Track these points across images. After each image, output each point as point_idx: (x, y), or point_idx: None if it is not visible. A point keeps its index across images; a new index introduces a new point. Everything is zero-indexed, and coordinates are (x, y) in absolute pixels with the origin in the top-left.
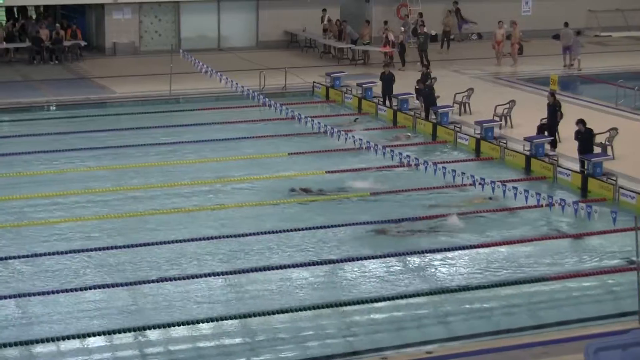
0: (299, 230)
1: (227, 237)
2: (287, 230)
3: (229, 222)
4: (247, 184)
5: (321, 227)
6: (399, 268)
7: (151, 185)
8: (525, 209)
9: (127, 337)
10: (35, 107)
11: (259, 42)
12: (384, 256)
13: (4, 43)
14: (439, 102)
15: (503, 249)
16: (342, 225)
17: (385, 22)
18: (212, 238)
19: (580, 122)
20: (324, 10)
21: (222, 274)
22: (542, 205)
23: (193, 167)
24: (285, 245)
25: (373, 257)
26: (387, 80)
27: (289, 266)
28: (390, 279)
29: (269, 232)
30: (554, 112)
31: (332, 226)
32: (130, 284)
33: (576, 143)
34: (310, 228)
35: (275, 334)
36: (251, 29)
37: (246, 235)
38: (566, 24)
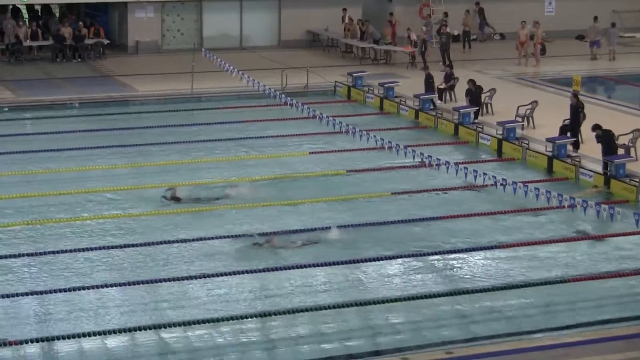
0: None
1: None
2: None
3: (248, 219)
4: (269, 182)
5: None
6: (419, 268)
7: (172, 183)
8: (547, 209)
9: (147, 335)
10: (57, 105)
11: (281, 41)
12: (404, 256)
13: (28, 41)
14: (460, 103)
15: (524, 250)
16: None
17: (390, 21)
18: (225, 237)
19: (597, 127)
20: (344, 9)
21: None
22: (564, 207)
23: (215, 165)
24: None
25: (394, 257)
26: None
27: (309, 265)
28: (410, 279)
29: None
30: (577, 113)
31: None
32: (150, 282)
33: (599, 146)
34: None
35: (295, 332)
36: (273, 28)
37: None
38: (595, 18)
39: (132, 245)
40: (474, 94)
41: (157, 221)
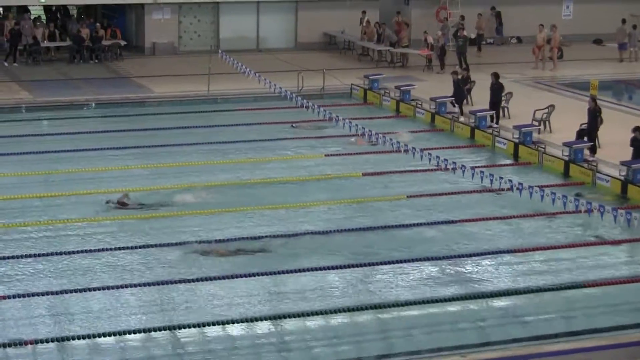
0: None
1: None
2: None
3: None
4: (284, 185)
5: None
6: (434, 272)
7: (189, 184)
8: (563, 214)
9: (162, 336)
10: (75, 106)
11: (298, 43)
12: (420, 260)
13: (46, 42)
14: (477, 107)
15: (540, 254)
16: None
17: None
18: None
19: (637, 129)
20: (364, 12)
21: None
22: (580, 211)
23: (230, 167)
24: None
25: (409, 261)
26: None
27: (323, 268)
28: (425, 282)
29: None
30: (595, 117)
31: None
32: (164, 283)
33: (620, 149)
34: None
35: (309, 335)
36: (290, 30)
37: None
38: (624, 21)
39: (150, 246)
40: (494, 87)
41: (175, 221)
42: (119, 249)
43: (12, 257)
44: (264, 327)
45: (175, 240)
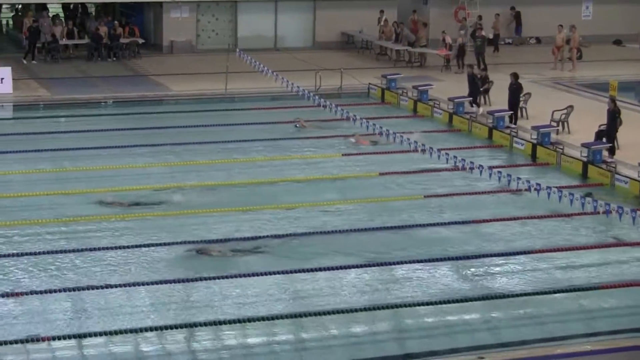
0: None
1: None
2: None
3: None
4: (301, 184)
5: None
6: (451, 272)
7: (206, 182)
8: (581, 215)
9: (178, 334)
10: (92, 103)
11: (316, 42)
12: (437, 260)
13: (64, 39)
14: (495, 107)
15: (557, 255)
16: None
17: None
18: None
19: None
20: (382, 11)
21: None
22: (598, 212)
23: (247, 166)
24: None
25: (425, 261)
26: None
27: (340, 267)
28: (442, 283)
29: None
30: (614, 118)
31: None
32: (184, 280)
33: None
34: None
35: (325, 335)
36: (308, 29)
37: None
38: None
39: (167, 244)
40: (513, 88)
41: (190, 219)
42: (138, 246)
43: (28, 254)
44: (280, 325)
45: (192, 238)
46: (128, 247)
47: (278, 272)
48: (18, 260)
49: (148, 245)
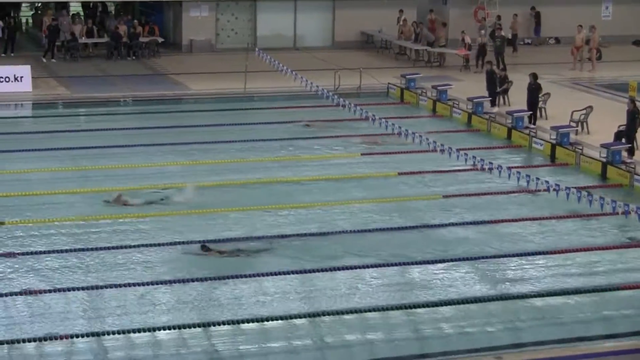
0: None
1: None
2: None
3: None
4: (320, 183)
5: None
6: (469, 272)
7: (224, 182)
8: (600, 216)
9: (195, 333)
10: (111, 102)
11: (335, 42)
12: (455, 260)
13: (83, 38)
14: (514, 107)
15: (576, 256)
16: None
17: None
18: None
19: None
20: (401, 11)
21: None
22: (617, 213)
23: (265, 165)
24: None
25: (443, 261)
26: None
27: (356, 267)
28: (459, 283)
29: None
30: (633, 119)
31: None
32: (201, 279)
33: None
34: None
35: (343, 334)
36: (327, 28)
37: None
38: None
39: (183, 243)
40: (532, 88)
41: (208, 218)
42: (155, 245)
43: (46, 252)
44: (298, 324)
45: (209, 237)
46: (145, 245)
47: (295, 272)
48: (36, 258)
49: (165, 244)
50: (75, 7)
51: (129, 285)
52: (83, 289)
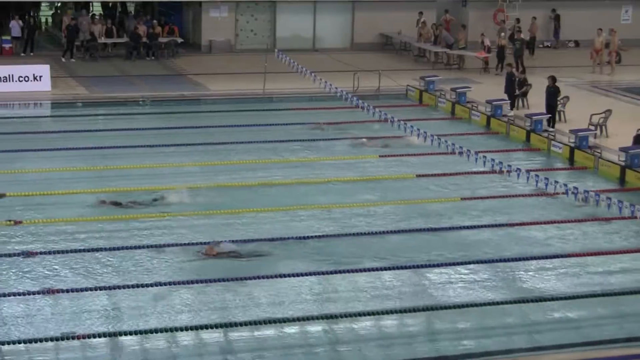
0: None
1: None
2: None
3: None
4: (337, 185)
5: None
6: (486, 275)
7: (242, 183)
8: (619, 219)
9: (213, 334)
10: (130, 102)
11: (354, 43)
12: (473, 262)
13: (103, 38)
14: (533, 110)
15: (594, 259)
16: None
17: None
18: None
19: None
20: (421, 13)
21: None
22: (636, 217)
23: (283, 166)
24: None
25: (461, 263)
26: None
27: (375, 269)
28: (477, 285)
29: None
30: None
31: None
32: (219, 280)
33: None
34: None
35: (360, 336)
36: (346, 30)
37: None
38: None
39: (200, 244)
40: (550, 91)
41: (225, 218)
42: (171, 245)
43: (65, 252)
44: (316, 327)
45: (229, 237)
46: (163, 246)
47: (313, 273)
48: (55, 257)
49: (182, 245)
50: (96, 7)
51: (147, 285)
52: (102, 289)
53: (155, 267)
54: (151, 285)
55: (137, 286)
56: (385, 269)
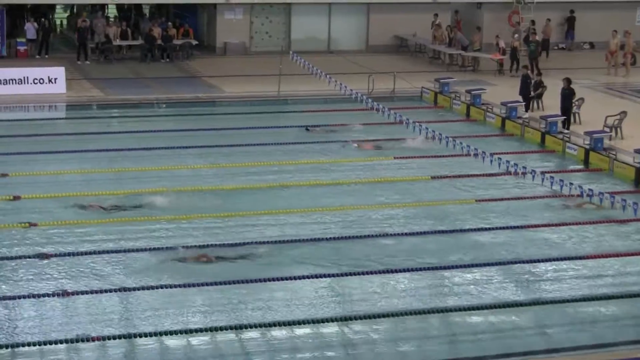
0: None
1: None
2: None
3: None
4: (353, 187)
5: None
6: (502, 277)
7: (258, 184)
8: (634, 221)
9: (227, 335)
10: (145, 104)
11: (369, 45)
12: (488, 264)
13: (117, 40)
14: (548, 112)
15: (609, 261)
16: None
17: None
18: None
19: None
20: (436, 15)
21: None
22: None
23: (298, 168)
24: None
25: (476, 265)
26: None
27: (391, 271)
28: (492, 287)
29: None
30: None
31: None
32: (232, 282)
33: None
34: None
35: (375, 337)
36: (361, 32)
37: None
38: None
39: (213, 246)
40: (565, 93)
41: (239, 220)
42: (189, 247)
43: (79, 254)
44: (330, 328)
45: (239, 240)
46: (176, 248)
47: (328, 275)
48: (69, 259)
49: (194, 247)
50: (111, 9)
51: (160, 287)
52: (116, 290)
53: (169, 268)
54: (165, 286)
55: (151, 288)
56: (400, 270)
